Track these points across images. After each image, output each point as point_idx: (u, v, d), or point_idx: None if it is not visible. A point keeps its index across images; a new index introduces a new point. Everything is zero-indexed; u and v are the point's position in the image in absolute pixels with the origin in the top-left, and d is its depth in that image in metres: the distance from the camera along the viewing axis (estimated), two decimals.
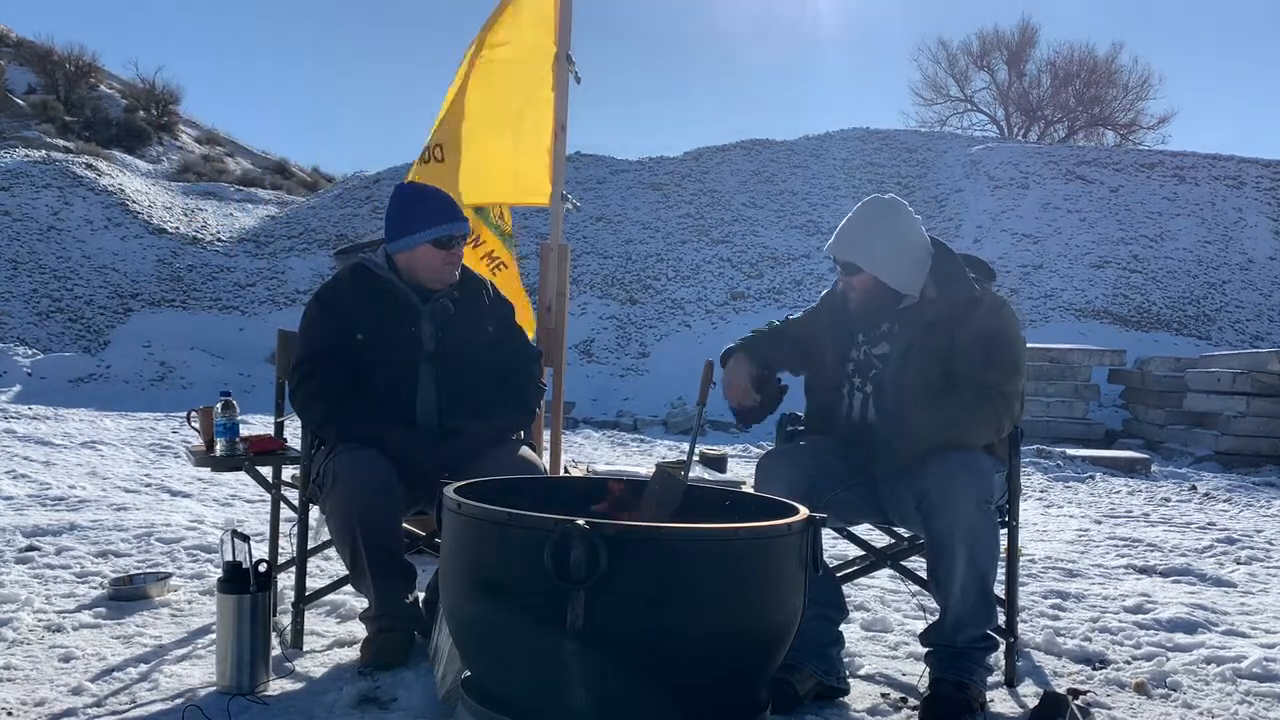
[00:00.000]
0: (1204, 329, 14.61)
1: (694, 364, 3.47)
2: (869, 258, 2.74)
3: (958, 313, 2.72)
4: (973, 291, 2.74)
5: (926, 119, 33.31)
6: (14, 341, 12.91)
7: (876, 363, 2.83)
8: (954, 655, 2.58)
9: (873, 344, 2.85)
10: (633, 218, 17.60)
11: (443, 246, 2.97)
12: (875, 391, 2.82)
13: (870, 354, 2.85)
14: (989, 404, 2.64)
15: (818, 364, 2.95)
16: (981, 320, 2.71)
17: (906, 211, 2.79)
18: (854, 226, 2.78)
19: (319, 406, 2.90)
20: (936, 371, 2.71)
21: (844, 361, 2.88)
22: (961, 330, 2.70)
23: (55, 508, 4.93)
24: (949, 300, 2.74)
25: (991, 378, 2.66)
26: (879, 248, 2.73)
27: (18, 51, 25.03)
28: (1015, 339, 2.74)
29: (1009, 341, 2.72)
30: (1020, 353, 2.74)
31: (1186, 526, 5.74)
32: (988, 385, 2.65)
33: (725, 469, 4.75)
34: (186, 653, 2.84)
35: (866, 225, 2.76)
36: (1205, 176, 18.34)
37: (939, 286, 2.76)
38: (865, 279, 2.77)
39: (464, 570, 2.00)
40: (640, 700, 1.84)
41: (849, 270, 2.78)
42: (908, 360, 2.74)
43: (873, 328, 2.85)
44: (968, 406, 2.64)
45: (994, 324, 2.72)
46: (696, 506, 2.37)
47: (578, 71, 4.00)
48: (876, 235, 2.74)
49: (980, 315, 2.72)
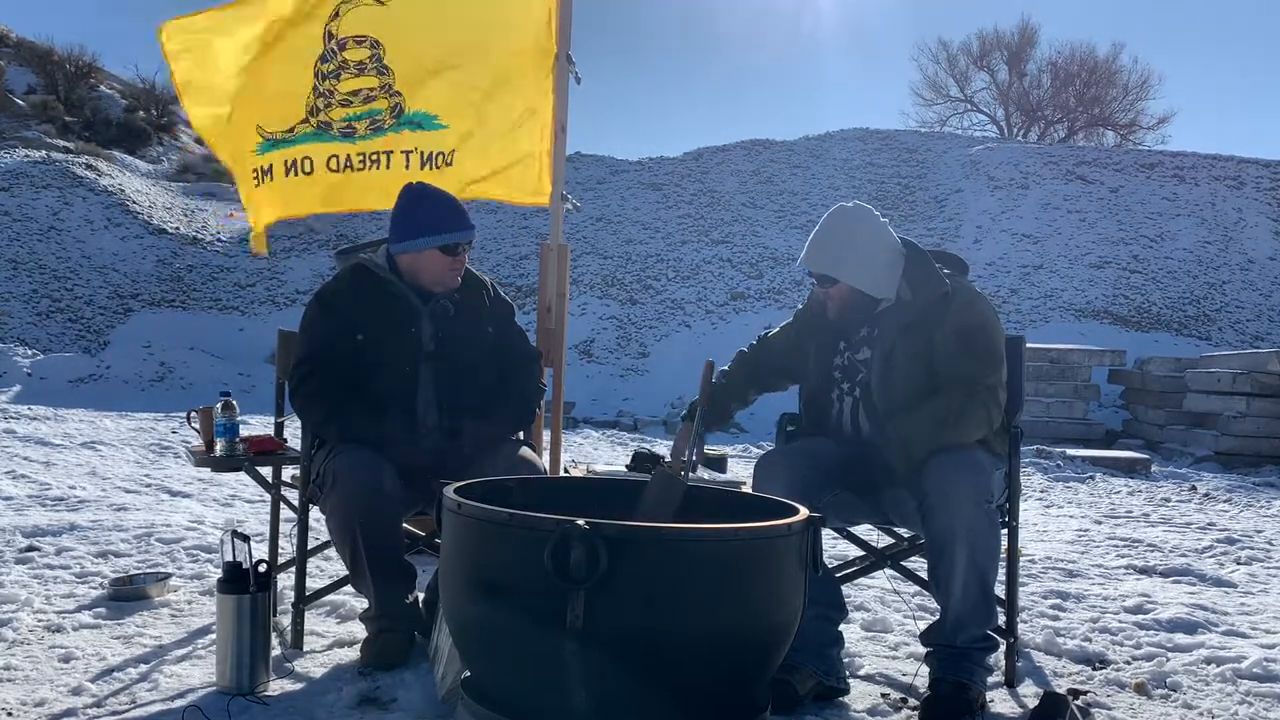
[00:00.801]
0: (1204, 329, 14.61)
1: (694, 364, 3.47)
2: (842, 268, 2.76)
3: (933, 311, 2.73)
4: (944, 287, 2.75)
5: (926, 119, 33.35)
6: (14, 341, 12.90)
7: (861, 368, 2.85)
8: (954, 655, 2.58)
9: (855, 350, 2.87)
10: (633, 218, 17.60)
11: (449, 253, 2.98)
12: (863, 396, 2.84)
13: (854, 360, 2.87)
14: (975, 399, 2.64)
15: (803, 375, 2.99)
16: (956, 315, 2.72)
17: (873, 216, 2.81)
18: (824, 238, 2.79)
19: (319, 406, 2.90)
20: (920, 372, 2.72)
21: (829, 369, 2.91)
22: (938, 327, 2.72)
23: (55, 508, 4.93)
24: (922, 299, 2.75)
25: (972, 371, 2.67)
26: (851, 256, 2.75)
27: (18, 51, 25.02)
28: (992, 328, 2.74)
29: (985, 333, 2.73)
30: (998, 341, 2.75)
31: (1186, 527, 5.74)
32: (970, 380, 2.66)
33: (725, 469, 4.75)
34: (186, 653, 2.84)
35: (836, 235, 2.77)
36: (1205, 177, 18.34)
37: (913, 287, 2.78)
38: (841, 289, 2.79)
39: (464, 570, 2.00)
40: (640, 700, 1.84)
41: (825, 282, 2.81)
42: (891, 363, 2.75)
43: (853, 333, 2.88)
44: (955, 406, 2.64)
45: (969, 318, 2.73)
46: (696, 506, 2.37)
47: (578, 71, 4.01)
48: (847, 244, 2.76)
49: (955, 310, 2.73)
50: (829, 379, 2.90)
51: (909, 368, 2.73)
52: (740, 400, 3.09)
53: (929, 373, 2.72)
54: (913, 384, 2.71)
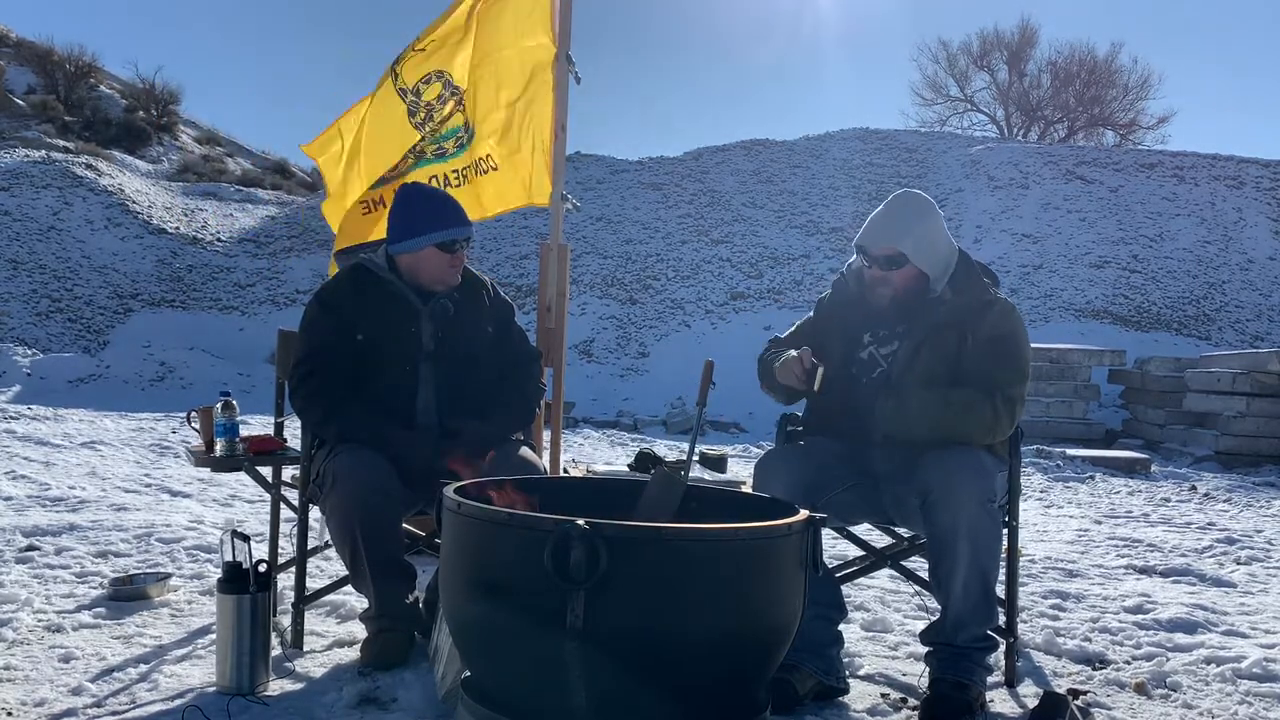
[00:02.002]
0: (1204, 329, 14.61)
1: (694, 364, 3.47)
2: (915, 248, 2.70)
3: (971, 314, 2.72)
4: (987, 295, 2.75)
5: (926, 119, 33.35)
6: (14, 341, 12.90)
7: (882, 361, 2.82)
8: (954, 655, 2.58)
9: (881, 344, 2.83)
10: (633, 218, 17.60)
11: (447, 250, 2.98)
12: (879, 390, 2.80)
13: (877, 354, 2.83)
14: (989, 403, 2.63)
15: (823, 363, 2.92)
16: (993, 323, 2.71)
17: (937, 207, 2.80)
18: (895, 217, 2.72)
19: (319, 406, 2.90)
20: (944, 371, 2.71)
21: (849, 364, 2.86)
22: (972, 333, 2.70)
23: (55, 508, 4.93)
24: (963, 302, 2.73)
25: (998, 378, 2.66)
26: (925, 239, 2.71)
27: (18, 51, 25.03)
28: (1024, 344, 2.74)
29: (1017, 344, 2.72)
30: (1027, 358, 2.75)
31: (1186, 526, 5.74)
32: (993, 386, 2.65)
33: (725, 469, 4.75)
34: (186, 653, 2.84)
35: (907, 216, 2.72)
36: (1205, 176, 18.35)
37: (955, 288, 2.76)
38: (907, 273, 2.73)
39: (464, 570, 2.00)
40: (640, 700, 1.84)
41: (892, 263, 2.72)
42: (917, 357, 2.73)
43: (882, 326, 2.83)
44: (966, 399, 2.64)
45: (1005, 327, 2.72)
46: (696, 507, 2.37)
47: (578, 71, 4.01)
48: (920, 226, 2.71)
49: (992, 317, 2.72)
50: (846, 373, 2.84)
51: (933, 365, 2.71)
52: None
53: (952, 374, 2.71)
54: (933, 380, 2.70)
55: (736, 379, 5.08)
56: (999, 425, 2.66)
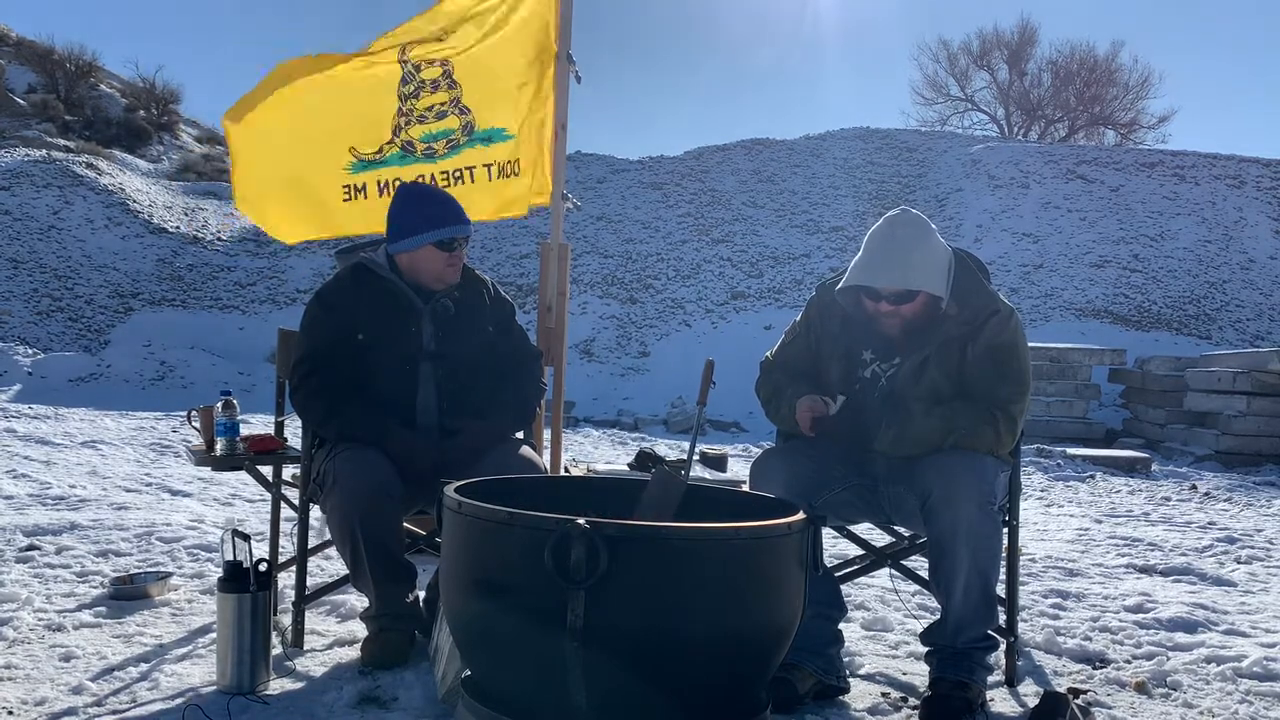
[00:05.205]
0: (1204, 328, 14.61)
1: (694, 363, 3.47)
2: (925, 279, 2.63)
3: (975, 325, 2.69)
4: (995, 304, 2.71)
5: (927, 118, 33.36)
6: (14, 341, 12.91)
7: (886, 379, 2.78)
8: (955, 655, 2.58)
9: (883, 359, 2.79)
10: (633, 217, 17.60)
11: (445, 248, 2.98)
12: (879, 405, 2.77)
13: (880, 370, 2.80)
14: (992, 426, 2.63)
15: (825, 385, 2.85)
16: (992, 332, 2.68)
17: (927, 221, 2.75)
18: (897, 250, 2.63)
19: (319, 405, 2.90)
20: (947, 386, 2.69)
21: (852, 381, 2.82)
22: (972, 342, 2.68)
23: (55, 507, 4.93)
24: (968, 316, 2.69)
25: (1001, 394, 2.65)
26: (929, 266, 2.64)
27: (18, 51, 25.01)
28: (1024, 356, 2.72)
29: (1019, 359, 2.70)
30: (1028, 370, 2.73)
31: (1187, 526, 5.74)
32: (996, 403, 2.64)
33: (726, 468, 4.76)
34: (187, 652, 2.85)
35: (909, 248, 2.64)
36: (1205, 176, 18.34)
37: (958, 299, 2.71)
38: (918, 303, 2.67)
39: (464, 570, 2.00)
40: (640, 700, 1.84)
41: (902, 299, 2.66)
42: (922, 371, 2.70)
43: (883, 343, 2.79)
44: (971, 417, 2.62)
45: (1004, 338, 2.69)
46: (696, 506, 2.37)
47: (578, 71, 4.01)
48: (922, 254, 2.64)
49: (991, 327, 2.69)
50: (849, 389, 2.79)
51: (938, 381, 2.69)
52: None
53: (955, 388, 2.69)
54: (937, 395, 2.69)
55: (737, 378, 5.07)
56: (1001, 443, 2.66)
